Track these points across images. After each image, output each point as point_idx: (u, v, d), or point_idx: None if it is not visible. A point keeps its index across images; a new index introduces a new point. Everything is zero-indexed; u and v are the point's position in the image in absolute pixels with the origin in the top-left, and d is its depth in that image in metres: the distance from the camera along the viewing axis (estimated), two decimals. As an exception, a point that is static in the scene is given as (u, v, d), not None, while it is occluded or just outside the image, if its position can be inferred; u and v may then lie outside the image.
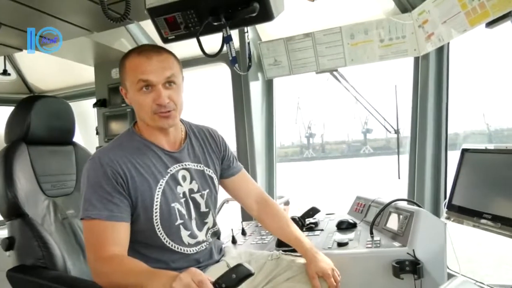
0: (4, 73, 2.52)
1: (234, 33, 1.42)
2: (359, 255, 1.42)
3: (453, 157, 1.93)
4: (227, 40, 1.39)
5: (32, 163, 1.50)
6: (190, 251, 1.20)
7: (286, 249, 1.42)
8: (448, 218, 1.50)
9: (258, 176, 2.34)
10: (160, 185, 1.16)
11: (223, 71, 2.44)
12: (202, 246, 1.23)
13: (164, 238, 1.16)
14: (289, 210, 2.61)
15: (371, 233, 1.56)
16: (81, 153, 1.69)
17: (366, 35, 2.03)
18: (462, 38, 1.72)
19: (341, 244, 1.48)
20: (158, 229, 1.15)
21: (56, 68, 2.77)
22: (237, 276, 0.88)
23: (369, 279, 1.39)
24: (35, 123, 1.52)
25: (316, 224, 1.81)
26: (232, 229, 1.82)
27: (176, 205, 1.18)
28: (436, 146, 2.01)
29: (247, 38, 1.59)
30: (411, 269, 1.31)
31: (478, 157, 1.49)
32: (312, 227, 1.78)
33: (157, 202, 1.14)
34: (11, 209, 1.39)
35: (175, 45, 1.42)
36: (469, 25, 1.58)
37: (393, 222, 1.56)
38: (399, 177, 2.11)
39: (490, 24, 1.50)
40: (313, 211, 1.76)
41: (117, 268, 1.01)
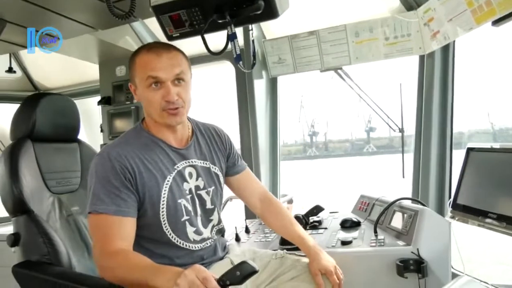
0: (9, 70, 2.54)
1: (238, 31, 1.42)
2: (363, 253, 1.42)
3: (457, 156, 1.92)
4: (231, 37, 1.39)
5: (38, 160, 1.51)
6: (195, 247, 1.21)
7: (290, 247, 1.42)
8: (452, 217, 1.49)
9: (262, 174, 2.34)
10: (168, 181, 1.17)
11: (227, 69, 2.44)
12: (207, 243, 1.24)
13: (170, 234, 1.17)
14: (292, 208, 2.61)
15: (375, 231, 1.55)
16: (85, 150, 1.69)
17: (371, 33, 2.02)
18: (468, 36, 1.71)
19: (345, 243, 1.48)
20: (164, 224, 1.16)
21: (61, 66, 2.78)
22: (242, 273, 0.88)
23: (373, 277, 1.39)
24: (41, 120, 1.52)
25: (320, 222, 1.81)
26: (235, 227, 1.82)
27: (182, 201, 1.19)
28: (441, 145, 2.00)
29: (252, 36, 1.58)
30: (415, 268, 1.30)
31: (484, 156, 1.48)
32: (316, 226, 1.78)
33: (164, 198, 1.15)
34: (17, 205, 1.40)
35: (179, 43, 1.42)
36: (475, 23, 1.57)
37: (397, 221, 1.56)
38: (403, 176, 2.10)
39: (496, 22, 1.49)
40: (317, 210, 1.76)
41: (122, 262, 1.02)
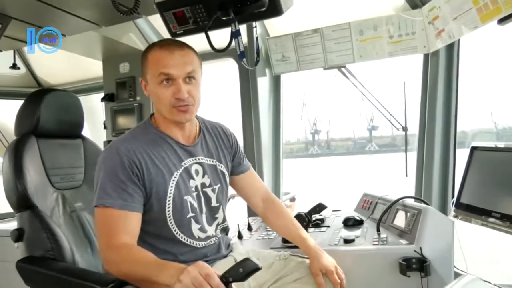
0: (13, 67, 2.54)
1: (242, 28, 1.42)
2: (366, 252, 1.42)
3: (460, 155, 1.91)
4: (235, 35, 1.38)
5: (42, 155, 1.51)
6: (199, 244, 1.21)
7: (291, 245, 1.42)
8: (456, 216, 1.48)
9: (264, 172, 2.34)
10: (174, 177, 1.18)
11: (230, 66, 2.43)
12: (211, 241, 1.24)
13: (175, 230, 1.18)
14: (295, 206, 2.62)
15: (378, 230, 1.55)
16: (89, 146, 1.70)
17: (375, 31, 2.01)
18: (472, 35, 1.70)
19: (347, 241, 1.48)
20: (170, 220, 1.17)
21: (64, 62, 2.78)
22: (244, 270, 0.88)
23: (375, 276, 1.39)
24: (45, 116, 1.52)
25: (322, 220, 1.81)
26: (238, 225, 1.83)
27: (188, 198, 1.19)
28: (445, 144, 1.99)
29: (256, 33, 1.58)
30: (418, 267, 1.30)
31: (488, 155, 1.47)
32: (318, 224, 1.78)
33: (170, 194, 1.16)
34: (21, 201, 1.41)
35: (182, 39, 1.42)
36: (480, 22, 1.56)
37: (400, 220, 1.55)
38: (406, 175, 2.10)
39: (502, 20, 1.48)
40: (319, 208, 1.76)
41: (126, 257, 1.02)
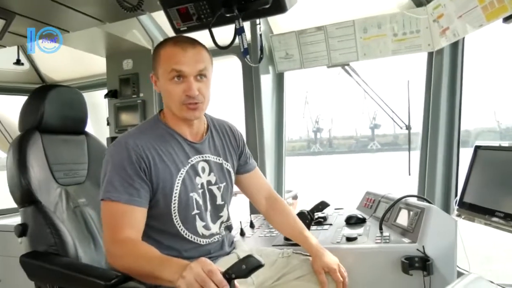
0: (17, 62, 2.54)
1: (245, 25, 1.41)
2: (368, 250, 1.42)
3: (463, 154, 1.91)
4: (239, 31, 1.38)
5: (45, 151, 1.51)
6: (203, 242, 1.22)
7: (293, 242, 1.42)
8: (459, 215, 1.48)
9: (267, 169, 2.34)
10: (181, 174, 1.18)
11: (233, 64, 2.43)
12: (215, 238, 1.25)
13: (180, 226, 1.18)
14: (297, 204, 2.61)
15: (381, 228, 1.55)
16: (93, 143, 1.70)
17: (380, 29, 2.00)
18: (476, 33, 1.69)
19: (350, 239, 1.48)
20: (175, 216, 1.17)
21: (68, 59, 2.78)
22: (247, 267, 0.88)
23: (377, 274, 1.39)
24: (49, 112, 1.53)
25: (325, 218, 1.81)
26: (240, 222, 1.83)
27: (194, 195, 1.20)
28: (448, 143, 1.98)
29: (259, 30, 1.58)
30: (421, 266, 1.30)
31: (492, 154, 1.47)
32: (321, 222, 1.78)
33: (176, 190, 1.17)
34: (25, 196, 1.41)
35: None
36: (485, 20, 1.55)
37: (403, 218, 1.55)
38: (409, 174, 2.09)
39: (507, 19, 1.47)
40: (322, 205, 1.75)
41: (130, 251, 1.03)
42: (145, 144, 1.15)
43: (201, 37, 1.40)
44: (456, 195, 1.92)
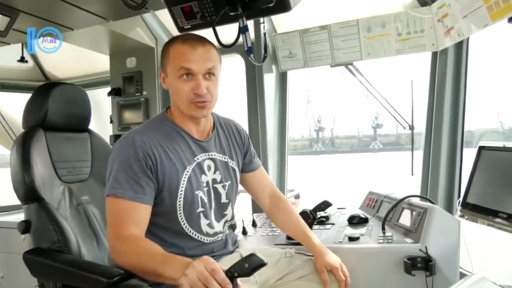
0: (21, 60, 2.55)
1: (249, 24, 1.41)
2: (371, 250, 1.42)
3: (466, 155, 1.90)
4: (243, 30, 1.38)
5: (49, 148, 1.52)
6: (207, 240, 1.22)
7: (295, 242, 1.43)
8: (462, 216, 1.48)
9: (269, 168, 2.34)
10: (187, 171, 1.19)
11: (236, 62, 2.43)
12: (219, 237, 1.25)
13: (184, 224, 1.18)
14: (299, 203, 2.61)
15: (383, 228, 1.55)
16: (96, 140, 1.71)
17: (383, 29, 1.99)
18: (480, 33, 1.68)
19: (352, 239, 1.48)
20: (180, 214, 1.17)
21: (72, 56, 2.79)
22: (250, 265, 0.88)
23: (380, 274, 1.39)
24: (53, 110, 1.53)
25: (327, 218, 1.81)
26: (242, 220, 1.83)
27: (199, 193, 1.20)
28: (451, 143, 1.98)
29: (263, 29, 1.57)
30: (423, 266, 1.30)
31: (495, 155, 1.46)
32: (323, 221, 1.78)
33: (182, 188, 1.17)
34: (28, 193, 1.42)
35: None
36: (490, 20, 1.54)
37: (405, 218, 1.55)
38: (412, 174, 2.09)
39: (513, 19, 1.46)
40: (325, 205, 1.75)
41: (134, 248, 1.03)
42: (151, 141, 1.15)
43: (204, 35, 1.40)
44: (459, 196, 1.92)
